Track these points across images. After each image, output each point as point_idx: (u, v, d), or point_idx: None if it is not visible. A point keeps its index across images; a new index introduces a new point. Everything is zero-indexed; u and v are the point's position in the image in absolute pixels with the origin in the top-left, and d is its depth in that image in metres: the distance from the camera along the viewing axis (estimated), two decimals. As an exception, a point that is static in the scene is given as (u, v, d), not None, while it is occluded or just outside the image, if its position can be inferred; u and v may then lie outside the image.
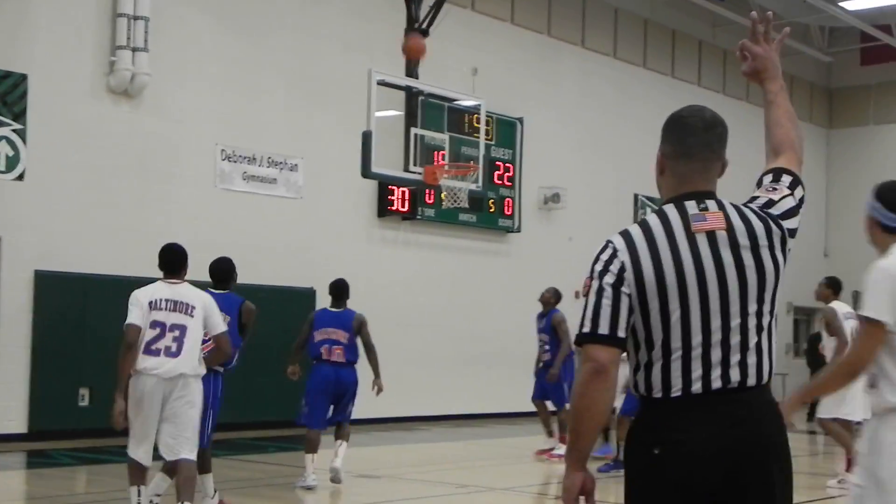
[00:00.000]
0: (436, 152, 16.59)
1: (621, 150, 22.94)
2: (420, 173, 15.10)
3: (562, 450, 12.70)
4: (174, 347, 7.55)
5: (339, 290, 10.88)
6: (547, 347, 13.55)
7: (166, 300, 7.70)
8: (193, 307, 7.74)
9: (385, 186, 17.68)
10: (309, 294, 16.88)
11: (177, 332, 7.59)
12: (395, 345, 17.89)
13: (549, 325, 13.56)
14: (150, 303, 7.66)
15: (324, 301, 16.91)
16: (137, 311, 7.57)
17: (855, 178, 28.75)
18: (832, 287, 11.89)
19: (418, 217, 18.45)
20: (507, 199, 20.03)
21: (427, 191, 17.96)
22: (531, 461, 13.34)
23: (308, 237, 17.09)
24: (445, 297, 18.78)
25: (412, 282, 18.47)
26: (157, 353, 7.54)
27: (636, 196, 23.36)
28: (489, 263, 19.76)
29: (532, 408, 14.02)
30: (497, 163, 19.79)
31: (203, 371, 7.72)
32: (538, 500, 10.42)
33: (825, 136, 29.26)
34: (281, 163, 16.74)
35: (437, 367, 18.33)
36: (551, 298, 13.80)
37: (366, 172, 13.86)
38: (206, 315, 7.76)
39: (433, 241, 18.80)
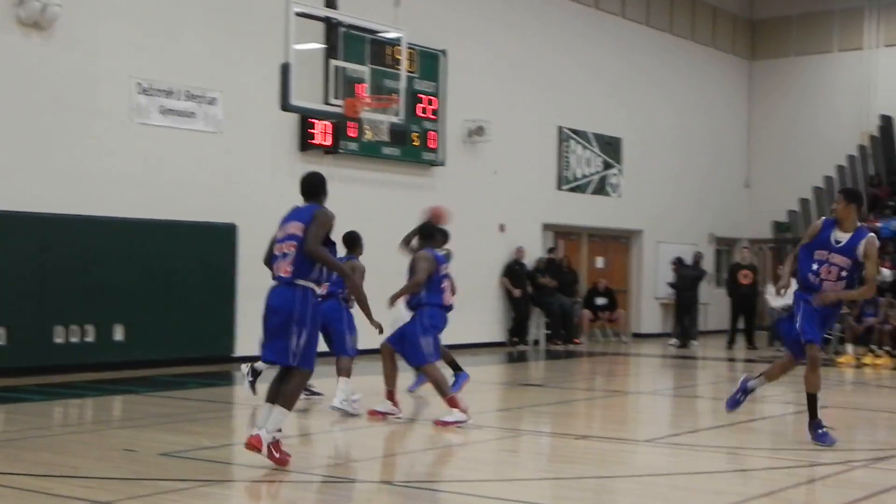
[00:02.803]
0: (357, 85, 16.45)
1: (545, 82, 22.91)
2: (340, 106, 14.98)
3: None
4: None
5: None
6: None
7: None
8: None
9: (306, 120, 17.48)
10: (229, 229, 16.72)
11: None
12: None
13: None
14: None
15: (244, 237, 16.79)
16: None
17: (777, 109, 29.11)
18: None
19: (341, 151, 18.27)
20: (431, 132, 19.92)
21: (349, 124, 17.81)
22: (472, 390, 13.39)
23: (228, 172, 16.87)
24: (369, 231, 18.60)
25: (337, 216, 18.31)
26: None
27: (560, 128, 23.38)
28: (413, 197, 19.64)
29: (463, 341, 13.83)
30: (420, 95, 19.65)
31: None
32: (478, 430, 10.49)
33: (747, 68, 29.49)
34: (199, 96, 16.44)
35: (361, 302, 18.27)
36: None
37: (285, 105, 13.71)
38: None
39: (356, 176, 18.68)
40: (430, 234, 11.12)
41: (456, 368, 12.69)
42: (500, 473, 8.37)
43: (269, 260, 8.19)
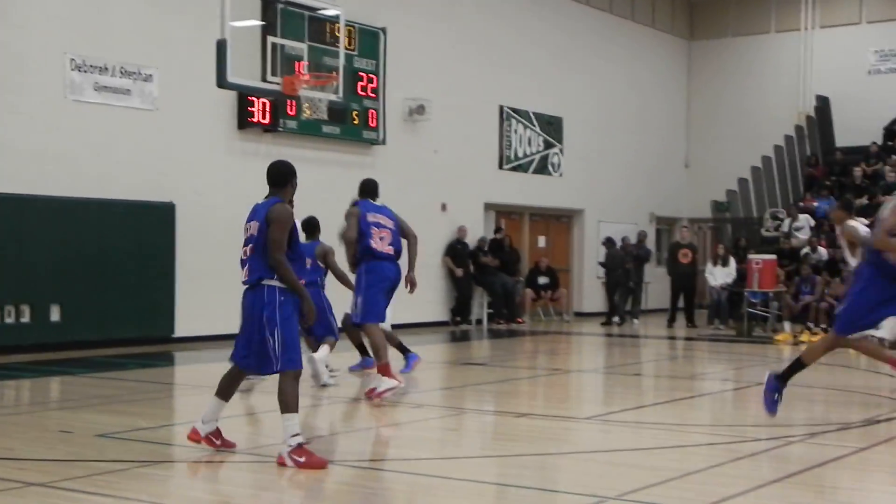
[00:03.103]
0: (296, 63, 16.28)
1: (486, 62, 22.86)
2: (278, 84, 14.82)
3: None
4: None
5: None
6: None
7: None
8: None
9: (245, 98, 17.28)
10: (168, 208, 16.50)
11: None
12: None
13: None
14: None
15: (183, 216, 16.61)
16: None
17: (715, 89, 29.34)
18: (845, 209, 12.07)
19: (280, 129, 18.10)
20: (371, 110, 19.79)
21: (289, 102, 17.64)
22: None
23: (165, 150, 16.63)
24: (310, 210, 18.50)
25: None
26: None
27: (501, 108, 23.36)
28: (354, 176, 19.34)
29: (406, 321, 13.83)
30: (360, 73, 19.50)
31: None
32: (417, 408, 10.46)
33: (686, 48, 29.67)
34: (134, 73, 16.17)
35: (302, 281, 18.14)
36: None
37: (221, 82, 13.53)
38: None
39: (296, 154, 18.44)
40: (363, 189, 11.21)
41: (404, 351, 12.65)
42: (442, 452, 8.34)
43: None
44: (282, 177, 7.79)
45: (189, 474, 7.41)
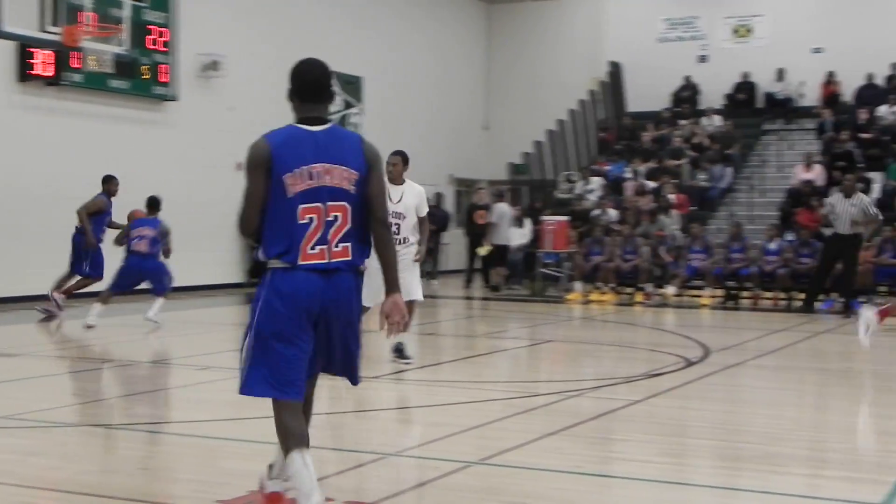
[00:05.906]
0: (79, 13, 15.56)
1: (284, 19, 22.44)
2: (59, 34, 14.15)
3: None
4: None
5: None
6: None
7: None
8: None
9: (26, 49, 16.39)
10: (-59, 165, 15.58)
11: None
12: (43, 220, 16.91)
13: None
14: None
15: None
16: None
17: (514, 53, 29.72)
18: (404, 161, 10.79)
19: (64, 82, 17.27)
20: (162, 65, 19.12)
21: (73, 54, 16.86)
22: (202, 332, 13.06)
23: (-63, 102, 15.68)
24: (98, 167, 17.80)
25: (61, 152, 17.38)
26: None
27: (299, 66, 22.98)
28: (145, 133, 18.94)
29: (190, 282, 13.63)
30: (150, 27, 18.76)
31: None
32: (203, 370, 10.18)
33: (486, 11, 29.91)
34: None
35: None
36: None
37: (-6, 31, 12.80)
38: None
39: (82, 109, 17.73)
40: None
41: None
42: (227, 413, 8.14)
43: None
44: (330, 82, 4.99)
45: (-49, 443, 6.98)
